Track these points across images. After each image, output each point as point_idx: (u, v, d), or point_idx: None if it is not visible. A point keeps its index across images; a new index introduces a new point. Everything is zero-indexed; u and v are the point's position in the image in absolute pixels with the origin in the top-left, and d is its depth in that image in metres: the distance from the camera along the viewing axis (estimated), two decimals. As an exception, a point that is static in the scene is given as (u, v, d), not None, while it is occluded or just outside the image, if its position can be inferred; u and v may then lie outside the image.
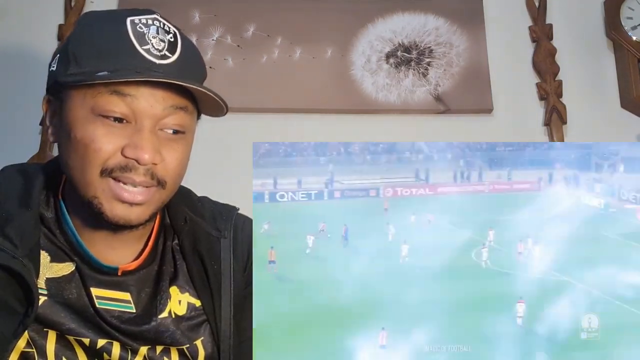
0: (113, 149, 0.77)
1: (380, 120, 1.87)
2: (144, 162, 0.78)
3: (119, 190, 0.78)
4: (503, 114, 1.88)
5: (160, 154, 0.80)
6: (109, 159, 0.78)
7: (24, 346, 0.79)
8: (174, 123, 0.81)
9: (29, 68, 1.83)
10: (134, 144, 0.77)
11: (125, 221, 0.80)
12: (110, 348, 0.82)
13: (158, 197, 0.83)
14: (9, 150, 1.75)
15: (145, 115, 0.78)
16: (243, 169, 1.69)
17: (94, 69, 0.77)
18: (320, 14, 1.92)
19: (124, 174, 0.78)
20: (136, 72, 0.76)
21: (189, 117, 0.84)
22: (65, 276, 0.83)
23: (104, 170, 0.78)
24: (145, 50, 0.78)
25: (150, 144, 0.78)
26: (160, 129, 0.81)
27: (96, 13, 0.85)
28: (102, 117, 0.77)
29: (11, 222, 0.79)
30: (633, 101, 1.86)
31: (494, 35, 1.93)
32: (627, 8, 1.91)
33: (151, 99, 0.78)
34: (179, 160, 0.83)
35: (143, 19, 0.79)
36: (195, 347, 0.89)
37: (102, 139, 0.77)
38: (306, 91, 1.85)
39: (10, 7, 1.91)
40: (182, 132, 0.83)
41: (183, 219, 0.93)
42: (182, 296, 0.90)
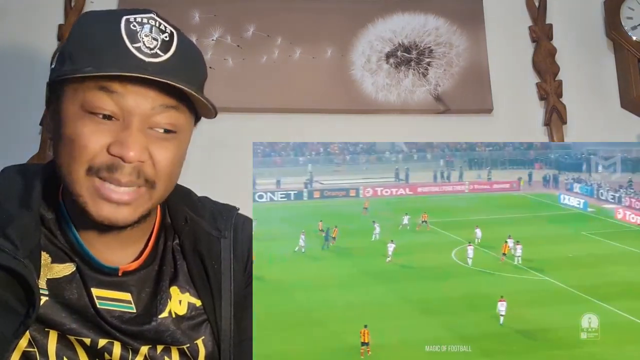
0: (99, 146, 0.77)
1: (380, 120, 1.87)
2: (129, 160, 0.77)
3: (104, 190, 0.78)
4: (503, 114, 1.88)
5: (148, 152, 0.79)
6: (95, 157, 0.77)
7: (25, 346, 0.80)
8: (165, 122, 0.80)
9: (29, 68, 1.83)
10: (119, 142, 0.77)
11: (111, 221, 0.80)
12: (111, 348, 0.83)
13: (148, 197, 0.82)
14: (9, 150, 1.75)
15: (133, 113, 0.77)
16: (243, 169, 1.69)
17: (84, 65, 0.76)
18: (320, 14, 1.92)
19: (110, 174, 0.77)
20: (120, 68, 0.75)
21: (182, 116, 0.82)
22: (66, 277, 0.83)
23: (90, 168, 0.77)
24: (136, 48, 0.77)
25: (137, 142, 0.77)
26: (150, 128, 0.79)
27: (95, 13, 0.85)
28: (91, 114, 0.77)
29: (12, 223, 0.79)
30: (633, 101, 1.86)
31: (494, 35, 1.94)
32: (627, 8, 1.91)
33: (138, 97, 0.77)
34: (169, 160, 0.81)
35: (138, 18, 0.79)
36: (196, 346, 0.89)
37: (88, 136, 0.76)
38: (306, 91, 1.85)
39: (10, 7, 1.91)
40: (174, 132, 0.82)
41: (183, 219, 0.93)
42: (182, 296, 0.90)
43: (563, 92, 1.87)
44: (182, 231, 0.93)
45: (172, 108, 0.80)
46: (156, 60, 0.78)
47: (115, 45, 0.77)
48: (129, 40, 0.77)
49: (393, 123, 1.87)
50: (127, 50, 0.77)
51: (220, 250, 0.93)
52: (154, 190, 0.82)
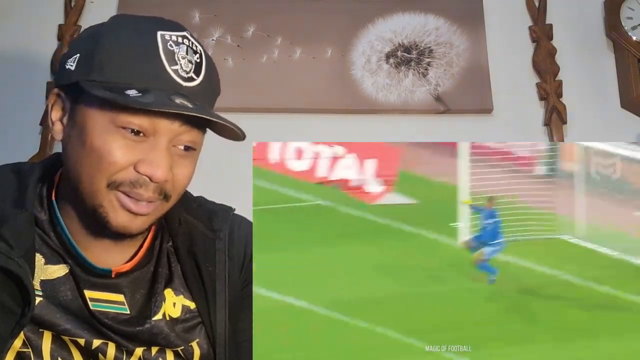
0: (127, 162, 0.76)
1: (380, 120, 1.87)
2: (157, 180, 0.77)
3: (125, 202, 0.78)
4: (503, 114, 1.88)
5: (172, 171, 0.79)
6: (121, 172, 0.76)
7: (20, 346, 0.79)
8: (187, 140, 0.80)
9: (29, 68, 1.83)
10: (149, 160, 0.76)
11: (126, 230, 0.80)
12: (105, 349, 0.83)
13: (160, 209, 0.83)
14: (9, 150, 1.75)
15: (165, 131, 0.77)
16: (243, 169, 1.69)
17: (121, 82, 0.75)
18: (320, 14, 1.92)
19: (133, 189, 0.77)
20: (167, 97, 0.75)
21: (202, 134, 0.83)
22: (59, 278, 0.83)
23: (112, 183, 0.76)
24: (174, 71, 0.76)
25: (166, 162, 0.77)
26: (173, 145, 0.79)
27: (125, 18, 0.83)
28: (122, 129, 0.76)
29: (6, 222, 0.78)
30: (633, 101, 1.86)
31: (494, 35, 1.94)
32: (627, 8, 1.91)
33: (171, 117, 0.77)
34: (187, 177, 0.83)
35: (174, 36, 0.78)
36: (191, 348, 0.89)
37: (117, 152, 0.75)
38: (306, 91, 1.85)
39: (10, 7, 1.91)
40: (193, 149, 0.83)
41: (178, 221, 0.93)
42: (176, 299, 0.90)
43: (563, 92, 1.87)
44: (176, 233, 0.92)
45: (195, 127, 0.80)
46: (191, 85, 0.78)
47: (154, 65, 0.76)
48: (167, 62, 0.76)
49: (393, 123, 1.87)
50: (166, 73, 0.76)
51: (215, 251, 0.92)
52: (167, 203, 0.83)
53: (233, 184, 1.63)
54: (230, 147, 1.75)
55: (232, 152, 1.79)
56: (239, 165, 1.69)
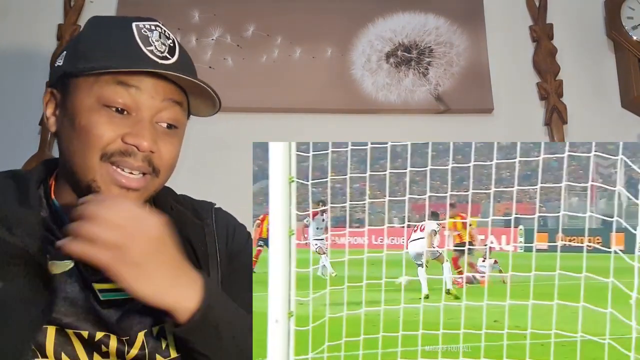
0: (114, 136, 0.83)
1: (380, 120, 1.87)
2: (143, 149, 0.83)
3: (117, 176, 0.83)
4: (503, 114, 1.88)
5: (157, 144, 0.86)
6: (110, 144, 0.83)
7: None
8: (168, 117, 0.87)
9: (29, 68, 1.83)
10: (135, 133, 0.83)
11: None
12: (107, 341, 0.84)
13: (151, 185, 0.88)
14: (9, 150, 1.75)
15: (146, 107, 0.85)
16: (243, 169, 1.69)
17: (101, 63, 0.83)
18: (320, 14, 1.92)
19: (123, 158, 0.83)
20: (138, 67, 0.83)
21: (183, 113, 0.91)
22: (63, 273, 0.84)
23: (104, 154, 0.83)
24: (149, 50, 0.85)
25: (150, 134, 0.84)
26: (156, 122, 0.87)
27: (104, 18, 0.93)
28: (106, 107, 0.83)
29: (16, 221, 0.81)
30: (633, 101, 1.86)
31: (494, 35, 1.93)
32: (628, 8, 1.91)
33: (152, 91, 0.85)
34: (172, 153, 0.89)
35: (147, 24, 0.88)
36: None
37: (104, 126, 0.83)
38: (306, 91, 1.85)
39: (10, 7, 1.91)
40: (176, 127, 0.89)
41: (169, 207, 0.98)
42: None
43: (563, 92, 1.87)
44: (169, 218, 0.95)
45: (177, 104, 0.88)
46: (167, 62, 0.87)
47: (129, 47, 0.85)
48: (142, 44, 0.86)
49: (393, 123, 1.87)
50: (142, 52, 0.85)
51: (205, 235, 0.99)
52: (157, 179, 0.88)
53: (233, 184, 1.63)
54: (230, 147, 1.77)
55: (232, 152, 1.80)
56: (239, 165, 1.70)
